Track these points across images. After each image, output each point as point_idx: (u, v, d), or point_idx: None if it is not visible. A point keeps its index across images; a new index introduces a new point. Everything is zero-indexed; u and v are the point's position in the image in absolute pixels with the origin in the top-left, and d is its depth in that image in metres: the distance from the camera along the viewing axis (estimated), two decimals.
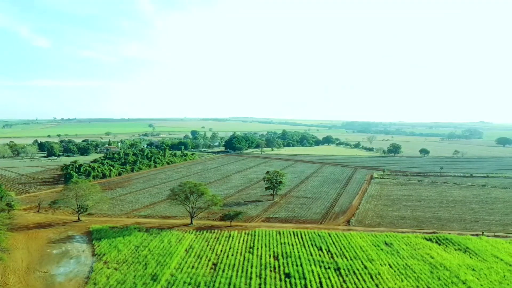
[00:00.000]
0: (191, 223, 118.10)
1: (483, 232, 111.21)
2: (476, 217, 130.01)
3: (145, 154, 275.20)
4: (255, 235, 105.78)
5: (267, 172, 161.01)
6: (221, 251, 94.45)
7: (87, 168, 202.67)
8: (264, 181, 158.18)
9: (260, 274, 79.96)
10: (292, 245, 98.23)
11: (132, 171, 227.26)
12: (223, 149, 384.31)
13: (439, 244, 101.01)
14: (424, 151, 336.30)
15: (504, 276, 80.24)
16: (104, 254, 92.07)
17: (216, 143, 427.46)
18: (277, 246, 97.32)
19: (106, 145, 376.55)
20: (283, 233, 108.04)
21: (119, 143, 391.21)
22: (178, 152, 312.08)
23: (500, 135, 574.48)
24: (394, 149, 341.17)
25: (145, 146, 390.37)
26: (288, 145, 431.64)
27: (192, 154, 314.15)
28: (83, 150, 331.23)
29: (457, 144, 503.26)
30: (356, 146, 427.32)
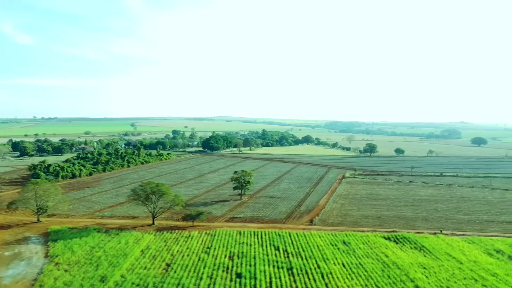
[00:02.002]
0: (153, 223, 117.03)
1: (441, 231, 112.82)
2: (438, 216, 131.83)
3: (119, 154, 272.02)
4: (215, 235, 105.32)
5: (235, 172, 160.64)
6: (177, 251, 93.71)
7: (56, 168, 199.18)
8: (232, 181, 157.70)
9: (212, 275, 79.51)
10: (250, 245, 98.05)
11: (104, 171, 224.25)
12: (201, 148, 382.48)
13: (397, 243, 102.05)
14: (399, 151, 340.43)
15: (453, 273, 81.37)
16: (57, 256, 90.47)
17: (195, 143, 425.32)
18: (235, 246, 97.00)
19: (82, 145, 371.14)
20: (244, 233, 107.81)
21: (95, 143, 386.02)
22: (154, 152, 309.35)
23: (478, 135, 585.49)
24: (370, 148, 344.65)
25: (122, 145, 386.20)
26: (267, 145, 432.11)
27: (168, 153, 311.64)
28: (58, 149, 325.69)
29: (434, 144, 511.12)
30: (334, 145, 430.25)
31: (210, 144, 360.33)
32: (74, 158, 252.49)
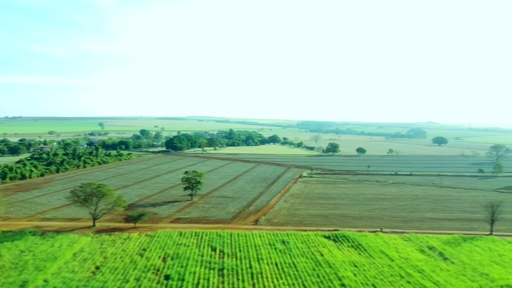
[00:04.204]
0: (94, 225, 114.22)
1: (381, 229, 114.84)
2: (383, 214, 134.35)
3: (76, 154, 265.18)
4: (154, 237, 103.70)
5: (186, 172, 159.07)
6: (111, 254, 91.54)
7: (4, 169, 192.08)
8: (182, 181, 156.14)
9: (140, 277, 77.97)
10: (188, 246, 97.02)
11: (57, 171, 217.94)
12: (165, 148, 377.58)
13: (336, 242, 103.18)
14: (360, 150, 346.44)
15: (382, 271, 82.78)
16: None
17: (160, 143, 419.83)
18: (171, 247, 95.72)
19: (41, 145, 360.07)
20: (185, 234, 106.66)
21: (55, 143, 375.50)
22: (113, 152, 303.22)
23: (443, 134, 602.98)
24: (332, 148, 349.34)
25: (84, 145, 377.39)
26: (232, 145, 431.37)
27: (129, 154, 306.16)
28: (14, 150, 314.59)
29: (398, 144, 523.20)
30: (299, 145, 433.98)
31: (174, 144, 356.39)
32: (28, 158, 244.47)
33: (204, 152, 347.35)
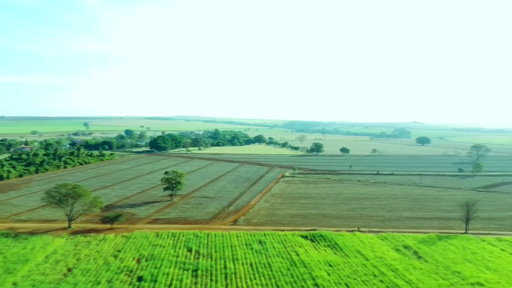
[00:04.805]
0: (69, 226, 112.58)
1: (358, 228, 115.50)
2: (362, 213, 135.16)
3: (56, 154, 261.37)
4: (130, 238, 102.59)
5: (166, 173, 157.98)
6: (85, 255, 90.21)
7: None
8: (162, 181, 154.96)
9: (112, 279, 76.98)
10: (164, 247, 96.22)
11: (37, 172, 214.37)
12: (149, 148, 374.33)
13: (312, 241, 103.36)
14: (344, 150, 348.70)
15: (356, 270, 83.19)
16: None
17: (144, 143, 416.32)
18: (147, 248, 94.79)
19: (22, 145, 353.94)
20: (162, 234, 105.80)
21: (36, 143, 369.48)
22: (95, 152, 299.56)
23: (427, 134, 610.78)
24: (317, 148, 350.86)
25: (67, 146, 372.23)
26: (217, 145, 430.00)
27: (111, 154, 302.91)
28: None
29: (382, 143, 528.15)
30: (284, 145, 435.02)
31: (158, 144, 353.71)
32: (6, 159, 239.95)
33: (188, 152, 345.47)
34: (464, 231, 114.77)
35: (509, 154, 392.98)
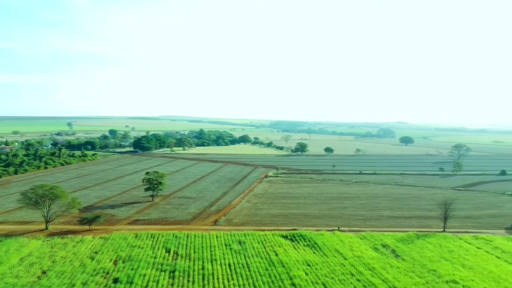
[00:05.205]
0: (46, 228, 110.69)
1: (338, 228, 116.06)
2: (343, 213, 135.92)
3: (37, 155, 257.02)
4: (108, 239, 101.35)
5: (147, 173, 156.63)
6: (61, 257, 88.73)
7: None
8: (143, 182, 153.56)
9: (87, 281, 75.84)
10: (142, 248, 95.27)
11: (16, 173, 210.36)
12: (132, 149, 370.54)
13: (292, 241, 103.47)
14: (328, 150, 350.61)
15: (334, 269, 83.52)
16: None
17: (127, 143, 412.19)
18: (125, 249, 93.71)
19: (3, 145, 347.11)
20: (141, 235, 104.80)
21: (16, 143, 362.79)
22: (77, 153, 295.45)
23: (411, 134, 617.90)
24: (301, 147, 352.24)
25: (49, 146, 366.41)
26: (202, 145, 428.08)
27: (93, 154, 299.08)
28: None
29: (366, 143, 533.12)
30: (269, 145, 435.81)
31: (142, 144, 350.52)
32: None
33: (172, 152, 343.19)
34: (442, 229, 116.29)
35: (489, 154, 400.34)
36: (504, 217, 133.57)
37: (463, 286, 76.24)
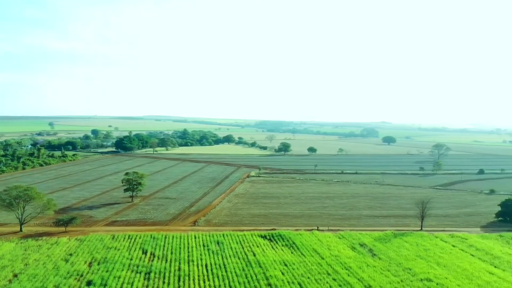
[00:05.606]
0: (21, 230, 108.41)
1: (318, 227, 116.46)
2: (323, 212, 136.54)
3: (15, 155, 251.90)
4: (84, 241, 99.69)
5: (126, 173, 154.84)
6: (34, 260, 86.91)
7: None
8: (122, 182, 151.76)
9: (59, 284, 74.42)
10: (119, 249, 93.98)
11: None
12: (114, 149, 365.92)
13: (271, 241, 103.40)
14: (311, 149, 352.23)
15: (310, 269, 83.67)
16: None
17: (109, 143, 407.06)
18: (101, 251, 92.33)
19: None
20: (118, 237, 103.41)
21: None
22: (57, 153, 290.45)
23: (394, 134, 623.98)
24: (284, 147, 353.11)
25: (28, 146, 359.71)
26: (186, 145, 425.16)
27: (74, 154, 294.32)
28: None
29: (350, 143, 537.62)
30: (253, 145, 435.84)
31: (124, 144, 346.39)
32: None
33: (155, 153, 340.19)
34: (420, 228, 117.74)
35: (469, 153, 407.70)
36: (480, 215, 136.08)
37: (437, 284, 77.24)
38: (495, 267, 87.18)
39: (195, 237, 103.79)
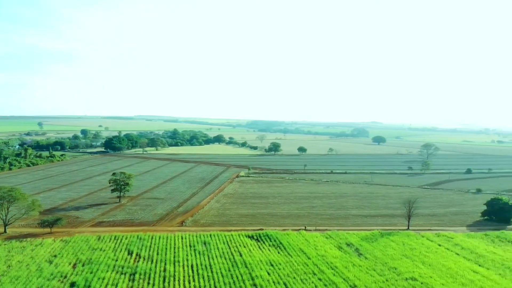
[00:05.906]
0: (5, 231, 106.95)
1: (305, 227, 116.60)
2: (311, 212, 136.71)
3: (1, 155, 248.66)
4: (69, 242, 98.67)
5: (114, 174, 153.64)
6: (18, 261, 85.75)
7: None
8: (110, 183, 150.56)
9: (43, 286, 73.49)
10: (104, 250, 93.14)
11: None
12: (104, 149, 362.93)
13: (258, 241, 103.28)
14: (301, 149, 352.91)
15: (296, 269, 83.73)
16: None
17: (99, 143, 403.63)
18: (85, 252, 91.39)
19: None
20: (103, 238, 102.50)
21: None
22: (45, 153, 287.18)
23: (384, 134, 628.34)
24: (274, 147, 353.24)
25: (16, 146, 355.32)
26: (176, 145, 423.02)
27: (62, 155, 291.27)
28: None
29: (340, 142, 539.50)
30: (243, 145, 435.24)
31: (113, 145, 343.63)
32: None
33: (144, 153, 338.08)
34: (407, 227, 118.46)
35: (457, 153, 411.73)
36: (467, 214, 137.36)
37: (421, 283, 77.78)
38: (479, 265, 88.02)
39: (182, 238, 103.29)
